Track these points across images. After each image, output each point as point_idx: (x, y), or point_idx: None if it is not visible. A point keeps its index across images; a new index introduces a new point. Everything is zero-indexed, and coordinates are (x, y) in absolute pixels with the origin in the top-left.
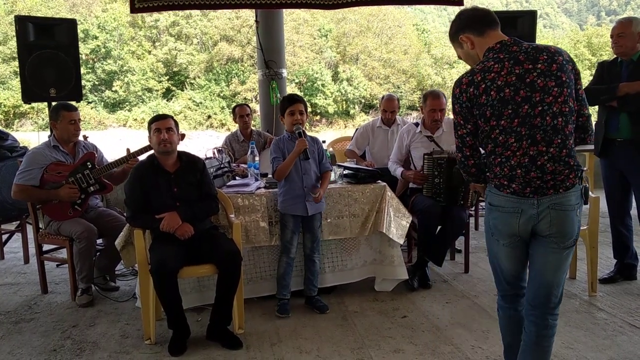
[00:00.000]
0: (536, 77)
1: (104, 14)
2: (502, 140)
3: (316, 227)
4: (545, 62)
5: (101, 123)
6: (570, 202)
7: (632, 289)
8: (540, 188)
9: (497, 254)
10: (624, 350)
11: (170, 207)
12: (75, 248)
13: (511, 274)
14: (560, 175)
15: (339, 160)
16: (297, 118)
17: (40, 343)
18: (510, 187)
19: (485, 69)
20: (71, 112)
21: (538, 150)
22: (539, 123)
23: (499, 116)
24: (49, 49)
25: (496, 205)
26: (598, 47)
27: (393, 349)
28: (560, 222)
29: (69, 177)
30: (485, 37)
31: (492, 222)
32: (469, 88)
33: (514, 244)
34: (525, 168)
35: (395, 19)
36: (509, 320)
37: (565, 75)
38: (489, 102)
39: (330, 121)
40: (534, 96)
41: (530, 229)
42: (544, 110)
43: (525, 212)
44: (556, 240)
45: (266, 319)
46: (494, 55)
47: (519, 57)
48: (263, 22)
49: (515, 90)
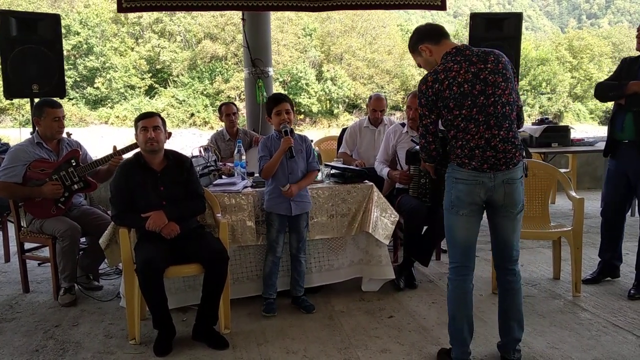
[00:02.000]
0: (487, 74)
1: (86, 9)
2: (463, 126)
3: (302, 227)
4: (493, 62)
5: (83, 120)
6: (517, 175)
7: (615, 290)
8: (495, 165)
9: (454, 225)
10: (608, 350)
11: (156, 206)
12: (58, 247)
13: (464, 243)
14: (509, 153)
15: (325, 160)
16: (284, 118)
17: (22, 343)
18: (471, 164)
19: (447, 69)
20: (55, 109)
21: (492, 134)
22: (492, 111)
23: (460, 107)
24: (32, 44)
25: (460, 178)
26: (579, 49)
27: (380, 349)
28: (511, 193)
29: (53, 175)
30: (440, 45)
31: (456, 194)
32: (435, 84)
33: (471, 213)
34: (482, 149)
35: (379, 19)
36: (455, 292)
37: (508, 73)
38: (452, 95)
39: (314, 120)
40: (487, 89)
41: (487, 199)
42: (495, 101)
43: (484, 183)
44: (510, 209)
45: (252, 319)
46: (452, 58)
47: (472, 59)
48: (249, 20)
49: (472, 85)
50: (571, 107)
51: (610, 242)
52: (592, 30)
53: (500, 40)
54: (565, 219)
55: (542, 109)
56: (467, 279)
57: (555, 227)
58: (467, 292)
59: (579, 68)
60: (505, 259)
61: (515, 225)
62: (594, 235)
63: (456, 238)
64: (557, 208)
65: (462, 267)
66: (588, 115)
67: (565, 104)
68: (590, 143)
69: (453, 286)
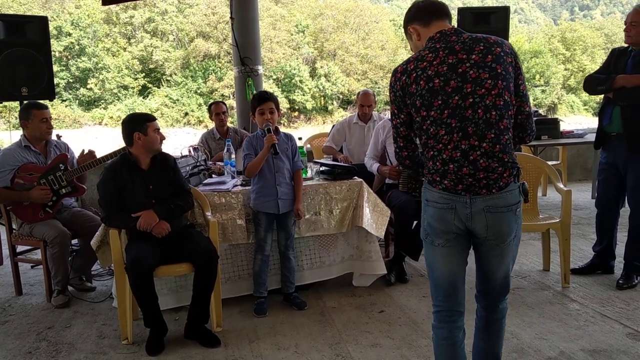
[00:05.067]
0: (469, 67)
1: (78, 10)
2: (433, 132)
3: (290, 225)
4: (480, 53)
5: (76, 121)
6: (506, 202)
7: (604, 280)
8: (473, 186)
9: (432, 259)
10: (596, 339)
11: (146, 205)
12: (48, 253)
13: (447, 283)
14: (493, 173)
15: (317, 157)
16: (267, 117)
17: (15, 345)
18: (443, 183)
19: (419, 57)
20: (42, 111)
21: (470, 144)
22: (470, 115)
23: (428, 106)
24: (20, 47)
25: (430, 200)
26: (572, 41)
27: (370, 344)
28: (497, 225)
29: (41, 179)
30: (430, 27)
31: (428, 219)
32: (402, 76)
33: (450, 243)
34: (458, 163)
35: (372, 14)
36: (441, 344)
37: (501, 68)
38: (418, 91)
39: (309, 117)
40: (465, 87)
41: (465, 227)
42: (475, 103)
43: (458, 209)
44: (495, 243)
45: (244, 316)
46: (432, 44)
47: (455, 47)
48: (238, 19)
49: (445, 80)
50: (565, 99)
51: (603, 237)
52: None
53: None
54: (555, 211)
55: (536, 101)
56: (455, 327)
57: (544, 219)
58: (456, 344)
59: (572, 60)
60: (489, 292)
61: (504, 257)
62: (584, 227)
63: (436, 275)
64: (548, 200)
65: (448, 312)
66: (582, 107)
67: (559, 96)
68: (580, 135)
69: (438, 337)
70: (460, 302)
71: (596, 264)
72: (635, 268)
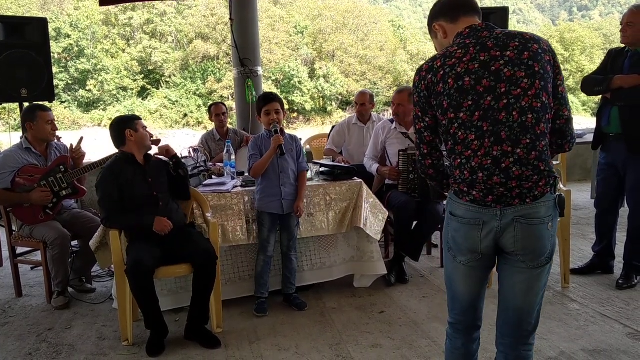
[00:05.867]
0: (503, 65)
1: (76, 12)
2: (461, 136)
3: (293, 226)
4: (515, 50)
5: (75, 123)
6: (539, 214)
7: (604, 280)
8: (504, 197)
9: (452, 274)
10: (596, 339)
11: (148, 197)
12: (49, 254)
13: (467, 300)
14: (527, 181)
15: (317, 158)
16: (273, 117)
17: (15, 347)
18: (471, 194)
19: (447, 54)
20: (47, 112)
21: (503, 151)
22: (504, 118)
23: (457, 108)
24: (19, 49)
25: (456, 213)
26: (570, 42)
27: (371, 344)
28: (527, 238)
29: (41, 181)
30: (457, 23)
31: (451, 234)
32: (428, 75)
33: (473, 263)
34: (488, 171)
35: (371, 15)
36: (454, 352)
37: (539, 66)
38: (446, 91)
39: (308, 118)
40: (499, 87)
41: (494, 244)
42: (510, 104)
43: (487, 224)
44: (523, 259)
45: (245, 317)
46: (461, 40)
47: (487, 43)
48: (237, 20)
49: (477, 79)
50: None
51: (602, 237)
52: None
53: None
54: None
55: None
56: (471, 339)
57: None
58: (469, 354)
59: (570, 60)
60: (510, 332)
61: (532, 284)
62: (583, 227)
63: (455, 290)
64: None
65: (464, 325)
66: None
67: None
68: (579, 135)
69: (451, 345)
70: (479, 316)
71: (596, 264)
72: (634, 268)
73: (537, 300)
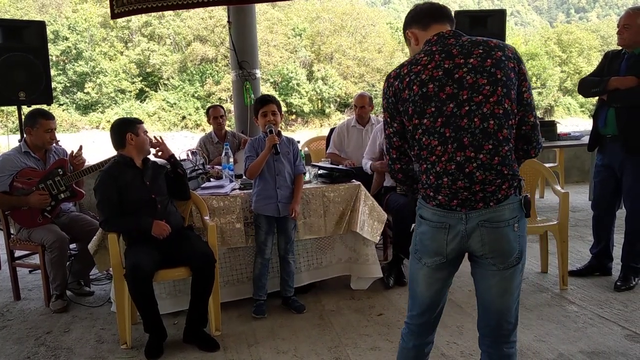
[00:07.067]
0: (466, 72)
1: (75, 14)
2: (425, 142)
3: (290, 228)
4: (479, 57)
5: (73, 125)
6: (503, 216)
7: (602, 282)
8: (468, 200)
9: (416, 275)
10: (594, 341)
11: (147, 200)
12: (47, 257)
13: (426, 302)
14: (491, 185)
15: (315, 160)
16: (270, 119)
17: (14, 351)
18: (436, 198)
19: (414, 61)
20: (49, 121)
21: (466, 156)
22: (466, 125)
23: (421, 114)
24: (17, 52)
25: (424, 217)
26: (568, 43)
27: (370, 347)
28: (494, 241)
29: (40, 184)
30: (428, 30)
31: (419, 236)
32: (395, 81)
33: (436, 266)
34: (452, 176)
35: (368, 17)
36: (403, 353)
37: (501, 73)
38: (411, 97)
39: (306, 120)
40: (461, 94)
41: (460, 248)
42: (471, 111)
43: (453, 227)
44: (493, 262)
45: (243, 320)
46: (428, 47)
47: (452, 50)
48: (236, 23)
49: (440, 86)
50: (561, 101)
51: (600, 239)
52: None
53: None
54: (553, 213)
55: None
56: (424, 341)
57: (542, 222)
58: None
59: (568, 62)
60: (490, 333)
61: (507, 285)
62: (581, 229)
63: (416, 290)
64: (546, 202)
65: (420, 326)
66: (578, 109)
67: (555, 98)
68: (577, 137)
69: (404, 343)
70: (436, 317)
71: (594, 265)
72: (632, 270)
73: (513, 299)
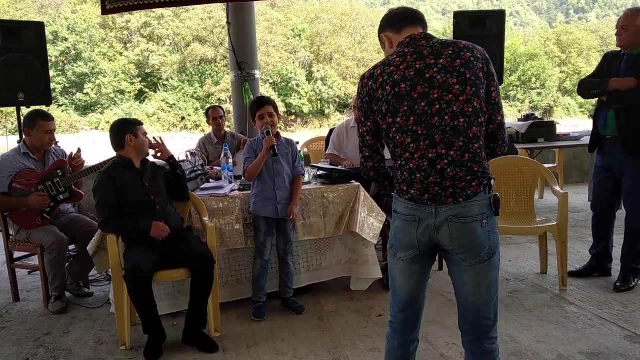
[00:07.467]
0: (436, 72)
1: (74, 15)
2: (399, 140)
3: (289, 230)
4: (449, 58)
5: (73, 126)
6: (472, 212)
7: (602, 283)
8: (439, 195)
9: (393, 270)
10: (594, 342)
11: (146, 202)
12: (46, 258)
13: (406, 298)
14: (461, 181)
15: (314, 161)
16: (267, 121)
17: (13, 352)
18: (409, 192)
19: (387, 62)
20: (48, 122)
21: (437, 153)
22: (437, 123)
23: (394, 113)
24: (16, 53)
25: (397, 211)
26: (567, 44)
27: (369, 348)
28: (463, 236)
29: (39, 185)
30: (401, 33)
31: (394, 231)
32: (369, 82)
33: (411, 259)
34: (425, 172)
35: (368, 18)
36: (390, 353)
37: (470, 73)
38: (384, 97)
39: (306, 121)
40: (432, 93)
41: (431, 241)
42: (442, 109)
43: (422, 221)
44: (464, 257)
45: (242, 321)
46: (401, 49)
47: (423, 51)
48: (235, 23)
49: (412, 85)
50: (561, 101)
51: (599, 239)
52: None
53: (484, 38)
54: (552, 214)
55: (532, 104)
56: (408, 340)
57: (541, 222)
58: (407, 355)
59: (567, 62)
60: (470, 329)
61: (481, 280)
62: (581, 229)
63: (395, 286)
64: (545, 203)
65: (402, 324)
66: (578, 109)
67: (555, 98)
68: (576, 138)
69: (389, 345)
70: (418, 315)
71: (593, 266)
72: (632, 270)
73: (491, 295)
